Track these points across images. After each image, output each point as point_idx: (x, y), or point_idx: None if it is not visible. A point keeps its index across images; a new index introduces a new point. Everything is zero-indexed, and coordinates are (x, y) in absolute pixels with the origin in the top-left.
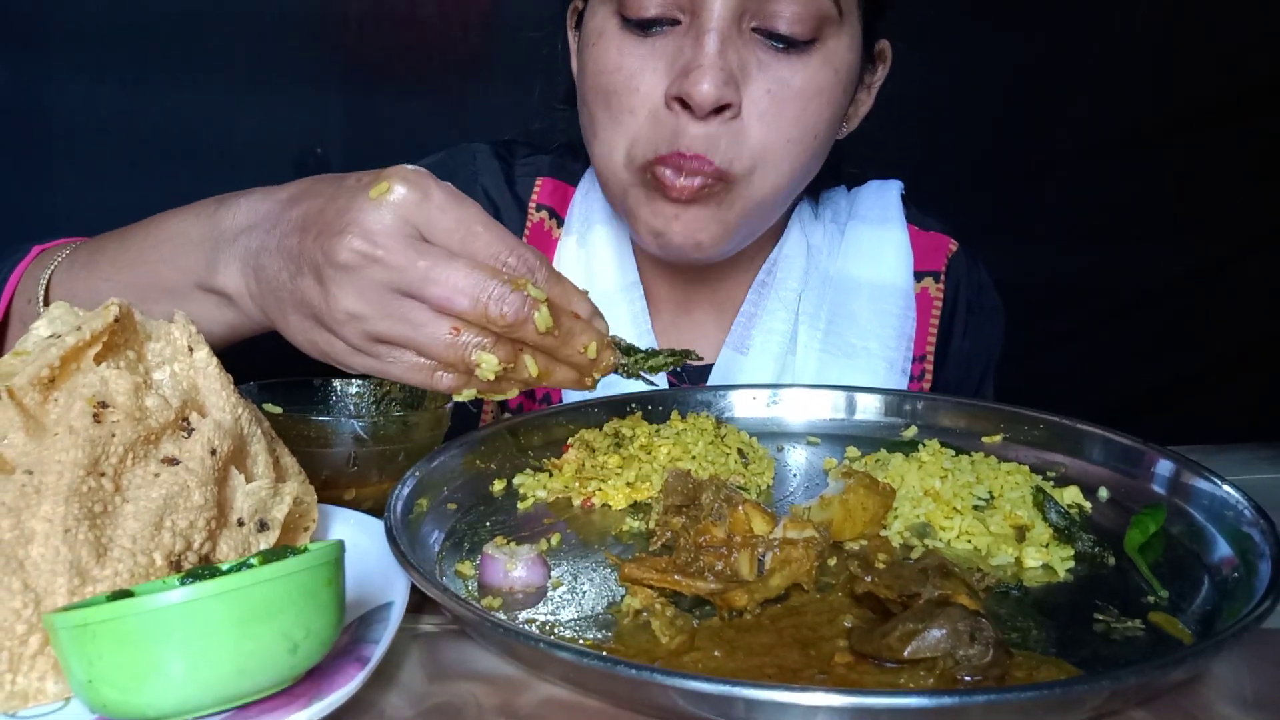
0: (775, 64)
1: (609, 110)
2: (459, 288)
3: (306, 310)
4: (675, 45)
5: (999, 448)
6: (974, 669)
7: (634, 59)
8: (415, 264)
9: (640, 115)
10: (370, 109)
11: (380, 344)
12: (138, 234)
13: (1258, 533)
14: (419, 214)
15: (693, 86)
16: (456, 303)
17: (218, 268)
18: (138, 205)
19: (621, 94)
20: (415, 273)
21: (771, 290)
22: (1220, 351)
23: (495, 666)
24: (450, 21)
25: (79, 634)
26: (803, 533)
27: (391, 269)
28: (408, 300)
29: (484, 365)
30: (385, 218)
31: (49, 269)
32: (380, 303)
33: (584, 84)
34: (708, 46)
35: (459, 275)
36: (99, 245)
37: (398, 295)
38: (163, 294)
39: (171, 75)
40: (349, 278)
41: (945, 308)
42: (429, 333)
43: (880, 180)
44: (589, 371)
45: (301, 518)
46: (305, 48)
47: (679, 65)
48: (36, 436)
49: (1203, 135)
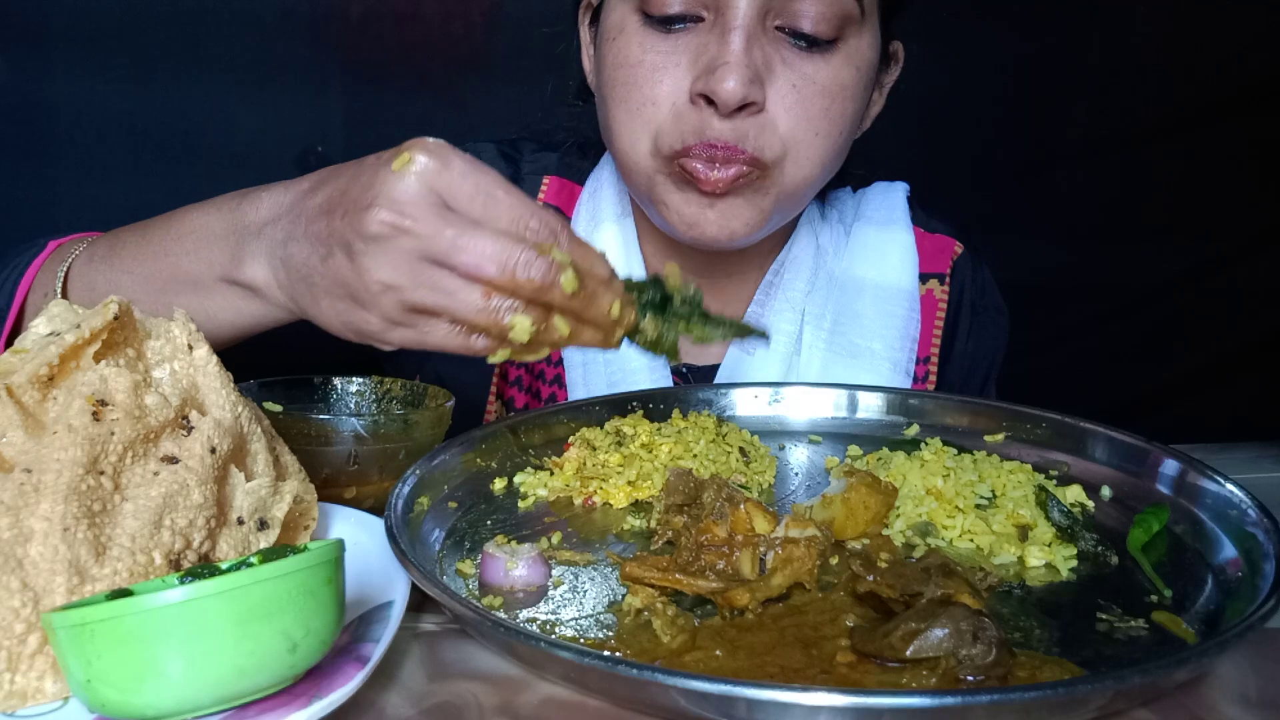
0: (799, 62)
1: (629, 103)
2: (486, 254)
3: (341, 291)
4: (699, 42)
5: (1001, 446)
6: (977, 669)
7: (657, 54)
8: (443, 232)
9: (664, 108)
10: (372, 106)
11: (416, 314)
12: (158, 228)
13: (1261, 532)
14: (441, 182)
15: (719, 84)
16: (485, 269)
17: (244, 260)
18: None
19: (644, 87)
20: (443, 240)
21: (779, 291)
22: (1223, 349)
23: (496, 666)
24: (452, 19)
25: (78, 633)
26: (805, 532)
27: (420, 237)
28: (438, 268)
29: (517, 328)
30: (410, 187)
31: (66, 262)
32: (412, 272)
33: (603, 78)
34: (733, 44)
35: (485, 242)
36: (118, 239)
37: (428, 264)
38: (185, 286)
39: (173, 73)
40: (380, 249)
41: (950, 310)
42: (461, 299)
43: (886, 182)
44: (613, 331)
45: (301, 516)
46: (307, 45)
47: (704, 62)
48: (35, 435)
49: (1204, 134)
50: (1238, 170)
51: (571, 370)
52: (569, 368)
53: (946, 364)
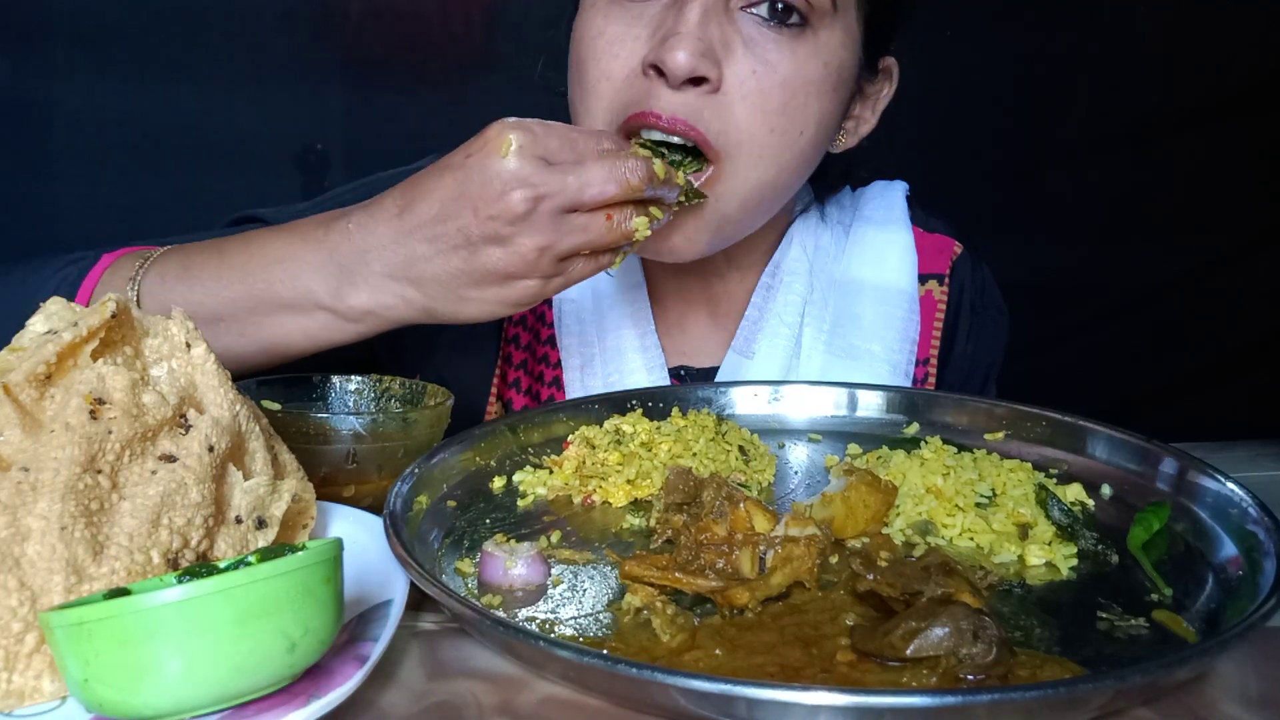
0: (763, 43)
1: (586, 79)
2: (605, 178)
3: (495, 277)
4: (659, 15)
5: (1001, 445)
6: (977, 668)
7: (617, 25)
8: (566, 182)
9: (616, 81)
10: (371, 104)
11: (564, 261)
12: (236, 251)
13: (1262, 530)
14: (539, 147)
15: (667, 53)
16: (608, 192)
17: (350, 291)
18: (138, 200)
19: (601, 59)
20: (571, 189)
21: (777, 294)
22: (1224, 348)
23: (495, 665)
24: (450, 16)
25: (75, 632)
26: (804, 530)
27: (554, 196)
28: (571, 214)
29: (640, 228)
30: (526, 164)
31: (132, 278)
32: (556, 226)
33: (570, 53)
34: (689, 15)
35: (597, 172)
36: (188, 258)
37: (564, 214)
38: (278, 309)
39: (173, 71)
40: (528, 222)
41: (949, 311)
42: (595, 228)
43: (885, 181)
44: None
45: (300, 515)
46: (306, 43)
47: (660, 34)
48: (33, 433)
49: (1205, 132)
50: (1238, 170)
51: (570, 373)
52: (567, 369)
53: (946, 365)
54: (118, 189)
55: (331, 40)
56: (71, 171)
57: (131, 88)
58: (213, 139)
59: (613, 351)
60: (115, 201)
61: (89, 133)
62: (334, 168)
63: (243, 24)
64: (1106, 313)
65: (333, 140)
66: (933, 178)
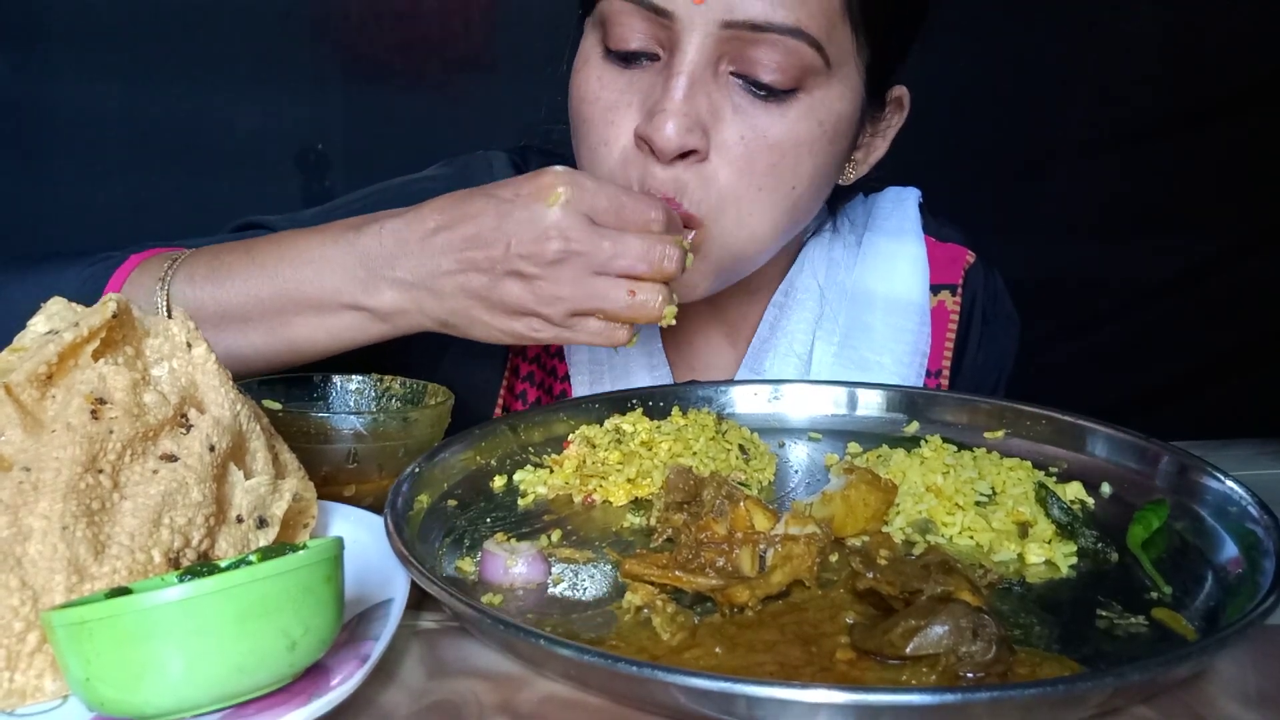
0: (752, 110)
1: (588, 141)
2: (638, 255)
3: (508, 308)
4: (651, 81)
5: (1001, 443)
6: (976, 665)
7: (612, 91)
8: (601, 246)
9: (614, 150)
10: (371, 105)
11: (575, 317)
12: (266, 252)
13: (1261, 528)
14: (586, 204)
15: (655, 131)
16: (637, 269)
17: (375, 289)
18: (138, 201)
19: (598, 126)
20: (603, 253)
21: (789, 313)
22: (1223, 347)
23: (496, 663)
24: (451, 17)
25: (76, 631)
26: (804, 529)
27: (586, 255)
28: (599, 277)
29: (668, 313)
30: (569, 217)
31: (161, 279)
32: (579, 284)
33: (570, 108)
34: (674, 91)
35: (635, 247)
36: (218, 259)
37: (591, 275)
38: (306, 309)
39: (172, 71)
40: (556, 271)
41: (961, 321)
42: (614, 297)
43: (898, 188)
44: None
45: (301, 514)
46: (306, 44)
47: (650, 104)
48: (34, 433)
49: (1205, 132)
50: (1237, 170)
51: (578, 389)
52: (575, 386)
53: (957, 376)
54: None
55: (331, 40)
56: (70, 172)
57: (131, 88)
58: (212, 139)
59: (620, 370)
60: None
61: (88, 133)
62: (334, 168)
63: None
64: (1106, 311)
65: (333, 141)
66: (933, 178)
